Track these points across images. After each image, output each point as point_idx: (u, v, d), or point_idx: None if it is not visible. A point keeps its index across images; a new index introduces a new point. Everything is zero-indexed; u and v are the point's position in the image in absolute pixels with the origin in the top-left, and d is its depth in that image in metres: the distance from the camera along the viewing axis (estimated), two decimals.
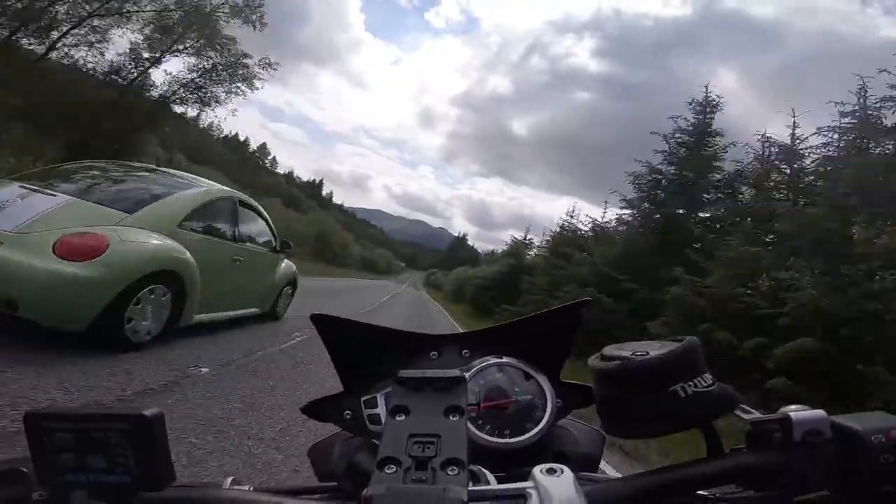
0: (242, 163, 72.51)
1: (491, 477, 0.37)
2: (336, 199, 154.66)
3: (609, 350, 0.44)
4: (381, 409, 0.55)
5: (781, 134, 6.92)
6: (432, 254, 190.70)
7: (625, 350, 0.43)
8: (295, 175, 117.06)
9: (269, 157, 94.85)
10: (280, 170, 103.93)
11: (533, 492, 0.32)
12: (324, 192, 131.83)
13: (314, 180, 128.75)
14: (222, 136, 73.15)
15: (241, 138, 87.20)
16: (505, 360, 0.57)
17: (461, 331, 0.64)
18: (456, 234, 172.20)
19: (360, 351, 0.58)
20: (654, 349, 0.42)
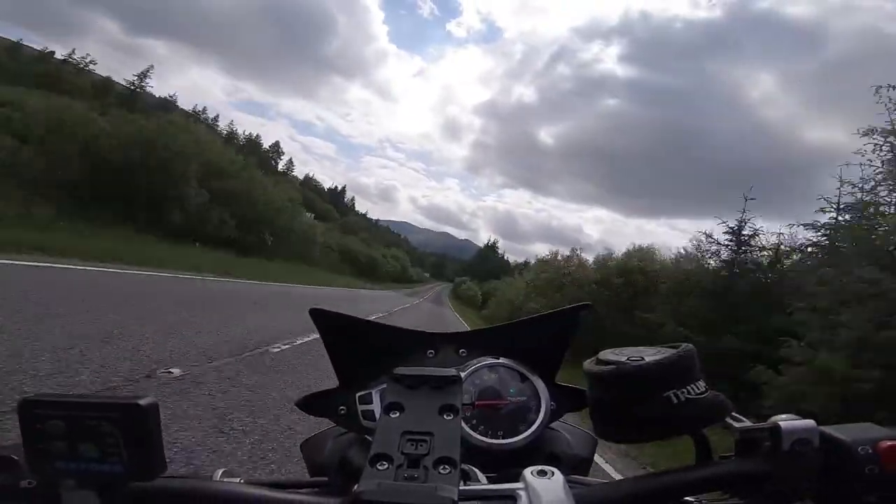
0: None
1: (482, 477, 0.38)
2: (363, 210, 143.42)
3: (604, 354, 0.44)
4: (375, 406, 0.55)
5: None
6: (458, 265, 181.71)
7: (620, 355, 0.43)
8: (311, 175, 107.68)
9: (283, 157, 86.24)
10: (298, 174, 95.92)
11: (523, 493, 0.32)
12: (347, 201, 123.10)
13: (336, 187, 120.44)
14: (225, 134, 66.25)
15: (244, 135, 78.57)
16: (501, 360, 0.56)
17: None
18: (481, 246, 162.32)
19: (357, 346, 0.57)
20: (650, 355, 0.42)
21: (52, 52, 40.97)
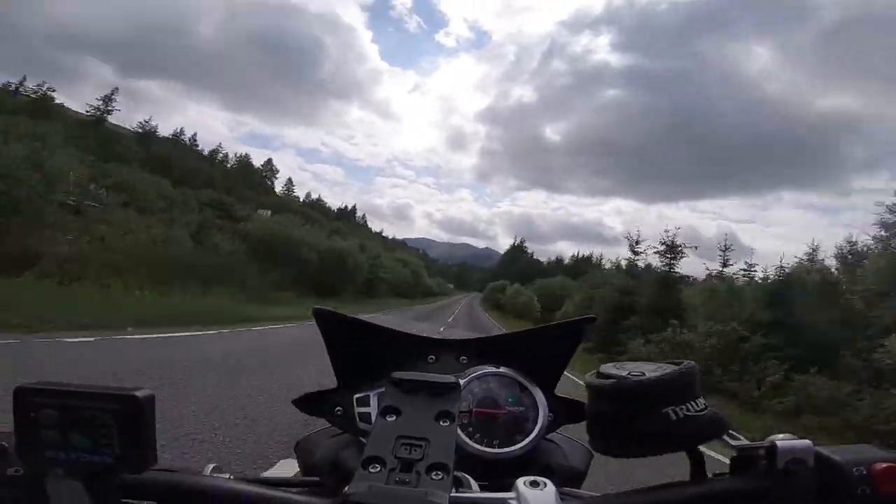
0: (228, 177, 56.34)
1: (474, 485, 0.38)
2: (377, 230, 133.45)
3: (606, 368, 0.44)
4: (372, 408, 0.54)
5: None
6: (482, 273, 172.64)
7: (622, 369, 0.43)
8: (319, 198, 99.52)
9: (277, 175, 77.33)
10: (299, 193, 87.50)
11: (514, 503, 0.32)
12: (359, 219, 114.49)
13: (346, 206, 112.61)
14: (207, 153, 58.80)
15: (235, 157, 69.70)
16: (502, 370, 0.56)
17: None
18: (502, 252, 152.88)
19: (358, 348, 0.57)
20: (651, 370, 0.42)
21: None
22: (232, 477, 0.41)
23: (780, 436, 0.39)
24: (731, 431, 0.42)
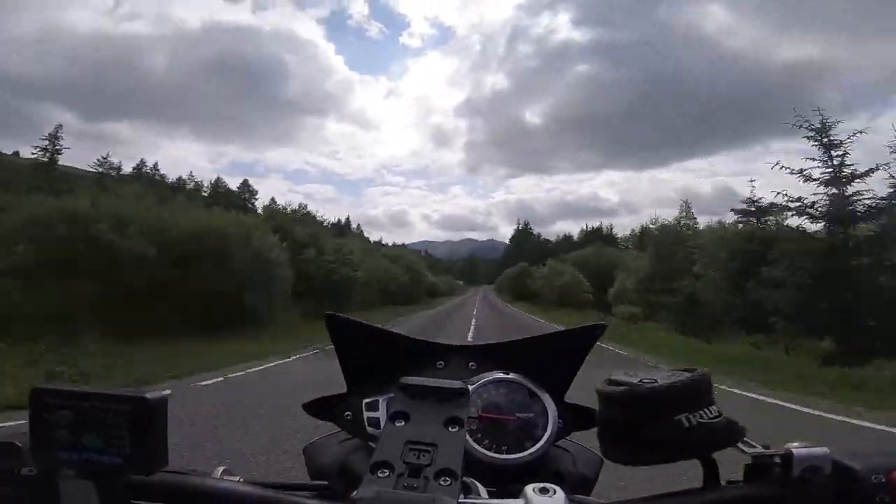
0: (206, 205, 51.08)
1: (483, 491, 0.38)
2: (378, 240, 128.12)
3: (617, 375, 0.44)
4: (381, 414, 0.55)
5: None
6: (487, 264, 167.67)
7: (634, 376, 0.43)
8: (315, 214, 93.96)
9: (256, 196, 71.30)
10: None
11: None
12: (354, 230, 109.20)
13: (339, 220, 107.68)
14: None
15: (209, 183, 63.74)
16: (511, 376, 0.56)
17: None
18: (506, 242, 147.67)
19: (368, 353, 0.58)
20: (663, 377, 0.42)
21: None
22: (241, 480, 0.41)
23: (796, 443, 0.39)
24: (745, 439, 0.41)
